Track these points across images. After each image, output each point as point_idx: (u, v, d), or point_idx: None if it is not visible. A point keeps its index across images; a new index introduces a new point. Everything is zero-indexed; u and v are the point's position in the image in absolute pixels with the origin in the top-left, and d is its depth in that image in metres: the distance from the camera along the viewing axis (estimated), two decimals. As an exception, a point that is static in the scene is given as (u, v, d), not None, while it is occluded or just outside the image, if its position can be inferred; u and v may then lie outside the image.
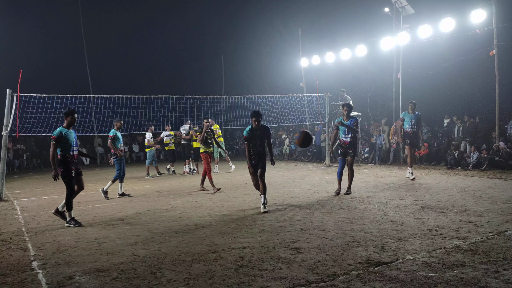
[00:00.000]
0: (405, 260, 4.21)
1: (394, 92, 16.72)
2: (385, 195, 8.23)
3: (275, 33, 24.63)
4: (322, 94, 16.08)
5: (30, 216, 7.43)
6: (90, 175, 15.17)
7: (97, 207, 8.15)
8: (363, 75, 19.25)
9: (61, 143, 6.48)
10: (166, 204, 8.17)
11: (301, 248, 4.75)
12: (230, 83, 26.10)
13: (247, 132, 7.29)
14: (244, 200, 8.34)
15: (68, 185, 6.55)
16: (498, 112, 12.86)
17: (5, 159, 9.99)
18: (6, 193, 10.15)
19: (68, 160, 6.53)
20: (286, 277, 3.87)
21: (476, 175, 11.00)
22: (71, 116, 6.62)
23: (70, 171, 6.50)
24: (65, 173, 6.51)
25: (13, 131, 10.29)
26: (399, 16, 16.18)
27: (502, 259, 4.13)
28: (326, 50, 18.94)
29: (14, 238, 5.86)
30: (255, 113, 7.15)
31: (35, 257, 4.84)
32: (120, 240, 5.50)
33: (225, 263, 4.35)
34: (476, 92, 14.57)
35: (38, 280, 4.08)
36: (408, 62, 16.38)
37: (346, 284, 3.65)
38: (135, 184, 12.13)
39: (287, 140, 20.39)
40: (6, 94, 9.81)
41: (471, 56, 13.87)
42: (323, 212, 6.81)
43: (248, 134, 7.26)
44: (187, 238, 5.46)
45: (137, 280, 3.98)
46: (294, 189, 9.68)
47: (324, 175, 12.36)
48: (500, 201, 7.19)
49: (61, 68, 24.66)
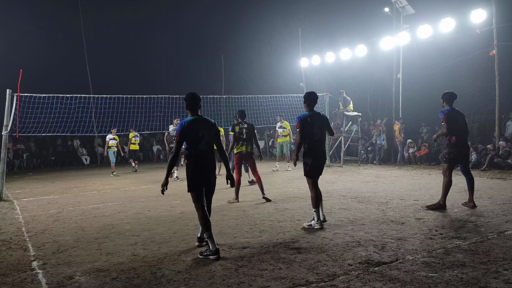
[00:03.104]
0: (405, 260, 4.21)
1: (394, 92, 16.74)
2: (385, 195, 8.23)
3: (275, 33, 24.65)
4: (322, 94, 16.08)
5: (30, 216, 7.43)
6: (91, 175, 15.18)
7: (97, 207, 8.15)
8: (363, 75, 19.28)
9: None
10: (166, 204, 8.17)
11: (301, 248, 4.75)
12: (230, 83, 26.12)
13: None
14: (244, 200, 8.34)
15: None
16: (498, 112, 12.87)
17: (5, 159, 9.99)
18: (6, 193, 10.15)
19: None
20: (286, 277, 3.87)
21: (476, 175, 10.98)
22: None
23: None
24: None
25: (13, 131, 10.29)
26: (399, 16, 16.19)
27: (502, 259, 4.13)
28: (326, 50, 18.95)
29: (14, 238, 5.86)
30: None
31: (35, 257, 4.84)
32: (120, 240, 5.49)
33: (225, 263, 4.35)
34: (476, 92, 14.58)
35: (38, 280, 4.08)
36: (408, 62, 16.41)
37: (346, 284, 3.65)
38: (135, 184, 12.13)
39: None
40: (6, 94, 9.81)
41: (471, 56, 13.90)
42: (323, 212, 6.80)
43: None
44: (187, 238, 5.46)
45: (137, 280, 3.98)
46: (294, 189, 9.68)
47: (324, 175, 12.32)
48: (500, 201, 7.19)
49: (61, 68, 24.69)
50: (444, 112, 6.77)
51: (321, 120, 5.88)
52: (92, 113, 14.53)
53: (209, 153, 4.84)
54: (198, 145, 4.77)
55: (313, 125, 5.78)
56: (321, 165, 5.95)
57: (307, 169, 5.89)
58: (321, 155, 5.93)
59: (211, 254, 4.52)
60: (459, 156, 6.78)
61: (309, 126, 5.77)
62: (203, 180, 4.79)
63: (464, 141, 6.83)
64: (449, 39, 14.48)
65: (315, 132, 5.78)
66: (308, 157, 5.85)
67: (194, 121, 4.80)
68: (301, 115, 5.91)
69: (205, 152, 4.81)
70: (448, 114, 6.72)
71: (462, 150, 6.79)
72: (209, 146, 4.85)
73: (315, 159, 5.82)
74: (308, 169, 5.87)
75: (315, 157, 5.83)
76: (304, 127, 5.79)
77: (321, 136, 5.87)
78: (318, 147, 5.85)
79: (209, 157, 4.84)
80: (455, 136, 6.71)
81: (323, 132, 5.91)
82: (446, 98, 6.88)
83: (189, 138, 4.75)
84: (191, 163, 4.77)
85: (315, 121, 5.81)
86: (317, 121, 5.83)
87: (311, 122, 5.78)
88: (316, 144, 5.82)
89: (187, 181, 4.82)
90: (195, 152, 4.76)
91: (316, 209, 5.76)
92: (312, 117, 5.82)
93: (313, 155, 5.82)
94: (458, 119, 6.74)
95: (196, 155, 4.76)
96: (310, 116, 5.83)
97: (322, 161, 6.00)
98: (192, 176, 4.76)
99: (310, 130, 5.77)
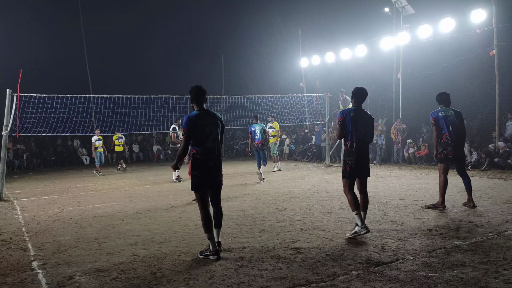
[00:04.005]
0: (405, 260, 4.21)
1: (394, 92, 16.74)
2: (385, 195, 8.23)
3: (275, 33, 24.64)
4: (322, 94, 16.09)
5: (30, 216, 7.43)
6: (91, 175, 15.17)
7: (97, 207, 8.15)
8: (363, 75, 19.26)
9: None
10: (166, 204, 8.17)
11: (301, 248, 4.75)
12: (230, 83, 26.10)
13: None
14: (244, 200, 8.34)
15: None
16: (498, 112, 12.87)
17: (5, 159, 9.99)
18: (6, 193, 10.15)
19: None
20: (286, 277, 3.87)
21: (476, 175, 11.00)
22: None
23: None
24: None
25: (13, 131, 10.29)
26: (399, 16, 16.20)
27: (502, 259, 4.13)
28: (326, 50, 18.95)
29: (14, 238, 5.86)
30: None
31: (35, 257, 4.84)
32: (120, 240, 5.49)
33: (225, 263, 4.35)
34: (476, 92, 14.57)
35: (38, 280, 4.08)
36: (408, 62, 16.40)
37: (346, 284, 3.65)
38: (135, 184, 12.13)
39: (287, 140, 20.39)
40: (6, 94, 9.81)
41: (471, 56, 13.89)
42: (323, 212, 6.81)
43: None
44: (187, 238, 5.46)
45: (137, 280, 3.98)
46: (294, 189, 9.68)
47: (324, 175, 12.35)
48: (500, 201, 7.19)
49: (61, 68, 24.67)
50: (432, 115, 6.79)
51: (366, 118, 5.38)
52: (92, 113, 14.54)
53: (215, 150, 4.66)
54: (206, 142, 4.56)
55: (357, 121, 5.28)
56: (363, 166, 5.35)
57: (347, 170, 5.30)
58: (364, 154, 5.37)
59: (211, 254, 4.51)
60: (453, 156, 6.72)
61: (353, 121, 5.26)
62: (208, 180, 4.63)
63: (457, 141, 6.74)
64: (449, 39, 14.48)
65: (359, 129, 5.26)
66: (350, 156, 5.28)
67: (201, 116, 4.59)
68: (344, 110, 5.45)
69: (212, 149, 4.61)
70: (437, 115, 6.74)
71: (456, 150, 6.72)
72: (216, 143, 4.66)
73: (357, 158, 5.25)
74: (349, 170, 5.29)
75: (358, 156, 5.25)
76: (346, 123, 5.28)
77: (365, 134, 5.33)
78: (361, 145, 5.29)
79: (215, 155, 4.66)
80: (446, 135, 6.67)
81: (367, 130, 5.36)
82: (438, 100, 6.92)
83: (196, 134, 4.53)
84: (197, 161, 4.58)
85: (359, 116, 5.31)
86: (362, 117, 5.33)
87: (355, 117, 5.28)
88: (360, 142, 5.26)
89: (191, 179, 4.67)
90: (202, 149, 4.56)
91: (357, 211, 5.16)
92: (357, 112, 5.34)
93: (356, 154, 5.24)
94: (449, 118, 6.70)
95: (203, 153, 4.56)
96: (355, 111, 5.34)
97: (365, 162, 5.40)
98: (198, 175, 4.59)
99: (354, 126, 5.25)
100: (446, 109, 6.78)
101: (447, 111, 6.76)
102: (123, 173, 15.82)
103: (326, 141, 15.94)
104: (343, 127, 5.31)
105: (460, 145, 6.84)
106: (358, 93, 5.43)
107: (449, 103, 6.88)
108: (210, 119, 4.65)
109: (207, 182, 4.64)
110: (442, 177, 6.77)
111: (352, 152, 5.27)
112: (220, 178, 4.79)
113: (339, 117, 5.36)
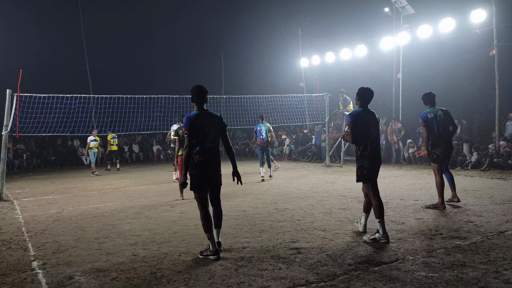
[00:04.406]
0: (405, 260, 4.21)
1: (394, 92, 16.74)
2: (385, 195, 8.22)
3: (275, 33, 24.65)
4: (322, 94, 16.09)
5: (30, 216, 7.43)
6: (90, 175, 15.16)
7: (97, 207, 8.15)
8: (363, 75, 19.26)
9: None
10: (166, 204, 8.17)
11: (301, 248, 4.75)
12: (230, 83, 26.12)
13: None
14: (244, 200, 8.34)
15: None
16: (498, 112, 12.87)
17: (5, 159, 9.99)
18: (6, 193, 10.15)
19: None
20: (286, 277, 3.87)
21: (476, 175, 11.00)
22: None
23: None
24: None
25: (13, 131, 10.29)
26: (399, 16, 16.20)
27: (502, 259, 4.13)
28: (326, 50, 18.96)
29: (14, 238, 5.86)
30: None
31: (35, 257, 4.84)
32: (120, 240, 5.49)
33: (225, 263, 4.35)
34: (476, 92, 14.58)
35: (38, 280, 4.08)
36: (408, 62, 16.40)
37: (346, 284, 3.65)
38: (135, 184, 12.13)
39: (287, 140, 20.39)
40: (6, 94, 9.81)
41: (471, 56, 13.89)
42: (323, 212, 6.81)
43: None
44: (187, 238, 5.46)
45: (137, 280, 3.98)
46: (294, 189, 9.68)
47: (324, 175, 12.36)
48: (500, 201, 7.19)
49: (61, 68, 24.69)
50: (422, 117, 6.86)
51: (375, 119, 5.23)
52: (92, 113, 14.54)
53: (214, 151, 4.68)
54: (205, 142, 4.58)
55: (369, 123, 5.10)
56: (378, 168, 5.23)
57: (364, 174, 5.11)
58: (378, 156, 5.20)
59: (211, 254, 4.51)
60: (444, 156, 6.86)
61: (365, 124, 5.08)
62: (208, 180, 4.65)
63: (448, 140, 6.84)
64: (449, 39, 14.49)
65: (371, 131, 5.09)
66: (365, 159, 5.09)
67: (201, 116, 4.61)
68: (353, 112, 5.22)
69: (211, 150, 4.63)
70: (426, 117, 6.80)
71: (446, 149, 6.83)
72: (215, 143, 4.68)
73: (373, 161, 5.09)
74: (366, 174, 5.10)
75: (373, 158, 5.09)
76: (358, 126, 5.06)
77: (377, 135, 5.19)
78: (376, 148, 5.15)
79: (214, 155, 4.68)
80: (437, 135, 6.75)
81: (378, 131, 5.24)
82: (425, 100, 7.02)
83: (195, 134, 4.55)
84: (196, 161, 4.59)
85: (370, 118, 5.14)
86: (372, 119, 5.18)
87: (366, 119, 5.10)
88: (374, 144, 5.11)
89: (190, 179, 4.66)
90: (201, 149, 4.58)
91: (381, 219, 4.96)
92: (367, 113, 5.16)
93: (371, 157, 5.07)
94: (438, 119, 6.76)
95: (202, 153, 4.58)
96: (364, 112, 5.15)
97: (379, 164, 5.25)
98: (197, 175, 4.60)
99: (366, 128, 5.07)
100: (434, 109, 6.86)
101: (435, 111, 6.84)
102: (123, 173, 15.81)
103: (326, 141, 15.94)
104: (355, 131, 5.09)
105: (449, 145, 6.93)
106: (364, 93, 5.24)
107: (435, 103, 7.00)
108: (210, 119, 4.67)
109: (206, 182, 4.67)
110: (437, 177, 6.83)
111: (366, 155, 5.10)
112: (219, 178, 4.81)
113: (349, 121, 5.14)
